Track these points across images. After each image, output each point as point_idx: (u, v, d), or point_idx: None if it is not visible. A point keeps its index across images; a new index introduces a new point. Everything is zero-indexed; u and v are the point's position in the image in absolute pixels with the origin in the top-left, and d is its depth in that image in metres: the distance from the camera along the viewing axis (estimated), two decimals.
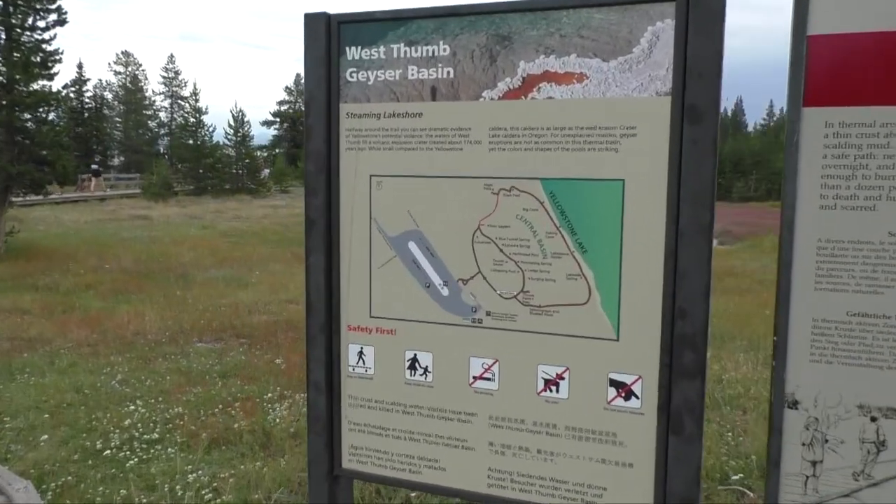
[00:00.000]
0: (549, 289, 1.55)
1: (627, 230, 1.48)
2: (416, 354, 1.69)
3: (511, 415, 1.62)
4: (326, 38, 1.68)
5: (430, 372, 1.68)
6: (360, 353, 1.74)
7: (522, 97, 1.54)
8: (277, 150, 66.13)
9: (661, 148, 1.44)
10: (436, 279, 1.65)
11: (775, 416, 1.42)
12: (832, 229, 1.35)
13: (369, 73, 1.66)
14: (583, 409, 1.56)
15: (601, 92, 1.48)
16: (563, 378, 1.57)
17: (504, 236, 1.58)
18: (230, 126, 44.60)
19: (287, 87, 75.88)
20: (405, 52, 1.62)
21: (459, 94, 1.59)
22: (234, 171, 43.06)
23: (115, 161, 58.76)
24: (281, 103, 75.40)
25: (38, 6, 18.18)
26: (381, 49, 1.64)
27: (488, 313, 1.62)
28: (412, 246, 1.66)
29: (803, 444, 1.41)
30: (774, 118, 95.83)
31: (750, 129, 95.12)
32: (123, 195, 36.77)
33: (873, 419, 1.36)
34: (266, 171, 48.35)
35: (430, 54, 1.60)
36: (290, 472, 4.56)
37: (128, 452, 4.92)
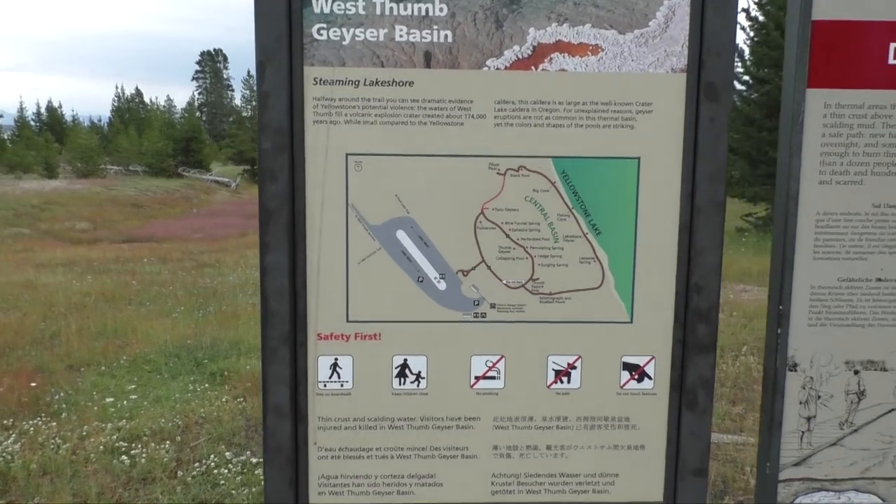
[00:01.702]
0: (561, 275, 1.46)
1: (642, 209, 1.45)
2: (406, 360, 1.47)
3: (518, 413, 1.50)
4: None
5: (423, 378, 1.48)
6: (335, 365, 1.47)
7: (532, 68, 1.41)
8: None
9: (677, 125, 1.43)
10: (430, 272, 1.45)
11: (778, 379, 1.50)
12: (828, 202, 1.46)
13: (343, 30, 1.39)
14: (595, 396, 1.50)
15: (616, 66, 1.41)
16: (574, 367, 1.49)
17: (511, 220, 1.45)
18: None
19: None
20: (391, 8, 1.38)
21: (459, 62, 1.40)
22: None
23: None
24: None
25: None
26: (360, 3, 1.38)
27: (493, 306, 1.47)
28: (401, 235, 1.44)
29: (800, 403, 1.52)
30: None
31: None
32: None
33: (856, 372, 1.51)
34: None
35: (424, 13, 1.39)
36: None
37: None
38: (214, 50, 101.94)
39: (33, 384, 5.85)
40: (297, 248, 1.43)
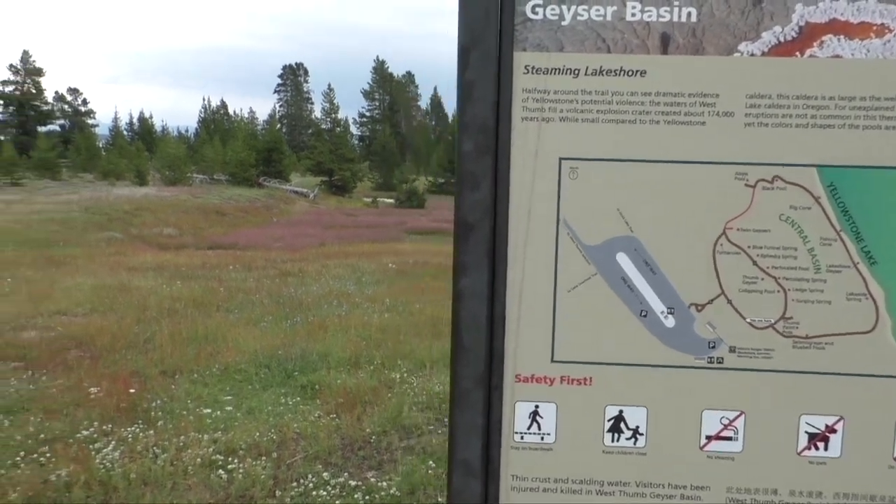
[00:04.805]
0: (822, 313, 1.16)
1: None
2: (621, 411, 1.21)
3: (759, 484, 1.21)
4: None
5: (641, 434, 1.21)
6: (535, 413, 1.21)
7: (797, 54, 1.13)
8: (3, 137, 57.69)
9: None
10: (657, 305, 1.18)
11: None
12: None
13: (563, 8, 1.14)
14: (860, 469, 1.19)
15: None
16: (834, 431, 1.19)
17: (761, 244, 1.16)
18: None
19: (12, 66, 66.30)
20: None
21: (704, 47, 1.13)
22: None
23: None
24: (5, 83, 65.70)
25: None
26: None
27: (732, 349, 1.18)
28: (622, 259, 1.17)
29: None
30: None
31: None
32: None
33: None
34: None
35: None
36: None
37: None
38: (296, 64, 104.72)
39: (132, 390, 5.85)
40: (496, 271, 1.18)
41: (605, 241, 1.17)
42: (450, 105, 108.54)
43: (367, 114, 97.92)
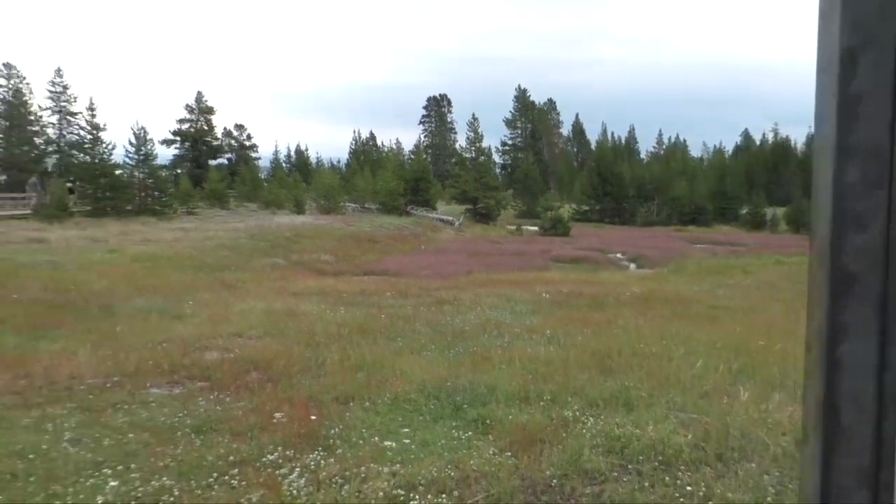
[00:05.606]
0: None
1: None
2: None
3: None
4: None
5: None
6: None
7: None
8: (180, 170, 63.29)
9: None
10: None
11: None
12: None
13: None
14: None
15: None
16: None
17: None
18: (131, 144, 41.79)
19: (188, 105, 72.79)
20: None
21: None
22: (142, 194, 40.44)
23: None
24: (182, 121, 72.16)
25: None
26: None
27: None
28: None
29: None
30: (664, 146, 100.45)
31: (643, 155, 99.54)
32: (11, 216, 33.30)
33: None
34: None
35: None
36: None
37: None
38: (440, 95, 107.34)
39: (313, 417, 5.95)
40: (887, 334, 0.94)
41: None
42: (592, 131, 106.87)
43: (510, 142, 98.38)
